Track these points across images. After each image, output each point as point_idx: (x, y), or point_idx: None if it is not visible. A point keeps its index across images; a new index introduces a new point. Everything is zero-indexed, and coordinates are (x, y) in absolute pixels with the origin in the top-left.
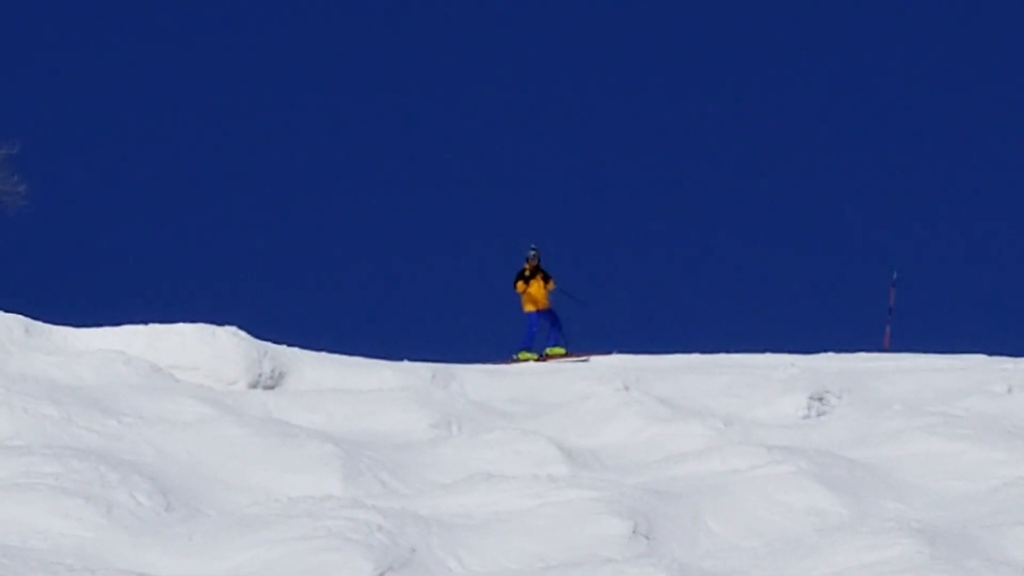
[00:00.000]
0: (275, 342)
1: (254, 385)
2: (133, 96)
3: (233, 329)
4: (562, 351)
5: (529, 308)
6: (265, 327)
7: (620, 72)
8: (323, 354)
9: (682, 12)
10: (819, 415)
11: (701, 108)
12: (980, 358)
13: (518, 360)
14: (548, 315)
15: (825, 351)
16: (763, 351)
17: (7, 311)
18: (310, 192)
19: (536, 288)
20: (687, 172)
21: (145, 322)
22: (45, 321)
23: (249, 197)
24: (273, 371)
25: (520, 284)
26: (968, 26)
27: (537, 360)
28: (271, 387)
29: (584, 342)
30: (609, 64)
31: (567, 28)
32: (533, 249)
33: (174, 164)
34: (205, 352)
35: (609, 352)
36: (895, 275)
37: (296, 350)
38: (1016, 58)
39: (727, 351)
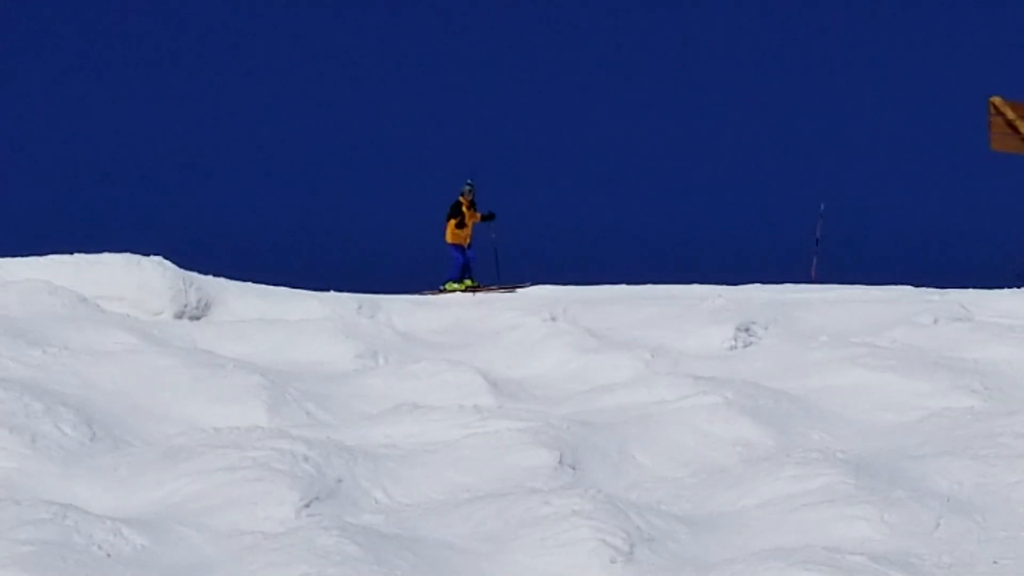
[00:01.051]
0: (201, 272)
1: (180, 315)
2: (54, 39)
3: (159, 259)
4: (462, 286)
5: (459, 240)
6: (191, 257)
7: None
8: (249, 284)
9: None
10: (746, 346)
11: (631, 38)
12: (906, 289)
13: (445, 291)
14: (470, 249)
15: (752, 282)
16: (690, 282)
17: None
18: (234, 123)
19: (471, 222)
20: (616, 103)
21: (71, 252)
22: None
23: (175, 128)
24: (199, 301)
25: (468, 217)
26: None
27: (464, 291)
28: (197, 317)
29: (511, 274)
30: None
31: None
32: (469, 184)
33: (102, 96)
34: (131, 282)
35: (523, 284)
36: (822, 207)
37: (222, 280)
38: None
39: (654, 282)
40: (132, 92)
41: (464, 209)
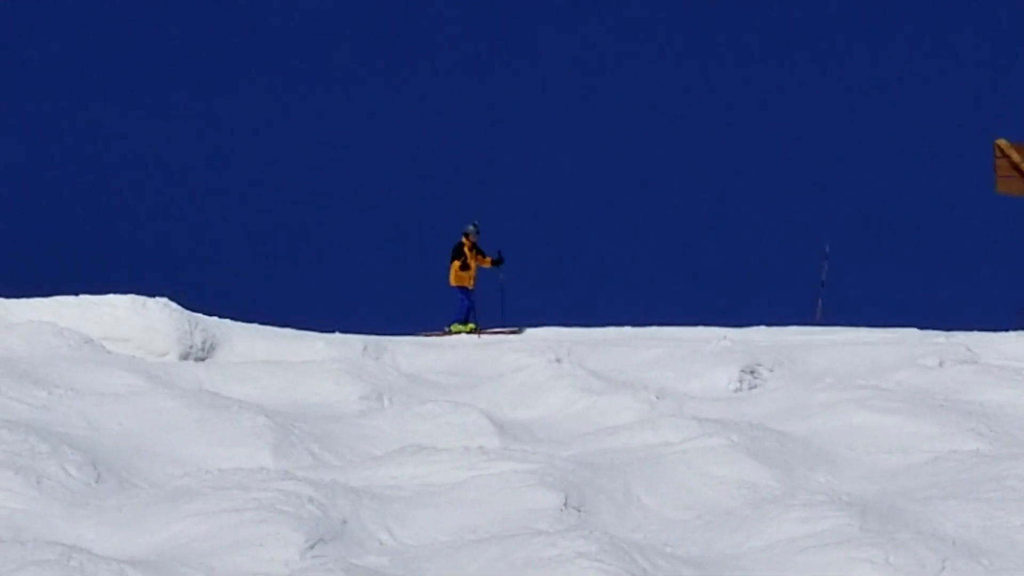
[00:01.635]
0: (206, 314)
1: (185, 357)
2: (61, 71)
3: (164, 301)
4: (467, 328)
5: (463, 283)
6: (196, 299)
7: (551, 47)
8: (254, 326)
9: None
10: (751, 388)
11: (634, 80)
12: (912, 332)
13: (451, 332)
14: (472, 292)
15: (757, 324)
16: (695, 324)
17: None
18: (242, 164)
19: (475, 264)
20: (621, 144)
21: (76, 293)
22: None
23: (181, 170)
24: (204, 343)
25: (471, 259)
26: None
27: (470, 333)
28: (202, 359)
29: (516, 315)
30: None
31: None
32: (473, 225)
33: (105, 137)
34: (136, 323)
35: (520, 328)
36: (827, 248)
37: (227, 322)
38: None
39: (659, 324)
40: (139, 136)
41: (466, 250)
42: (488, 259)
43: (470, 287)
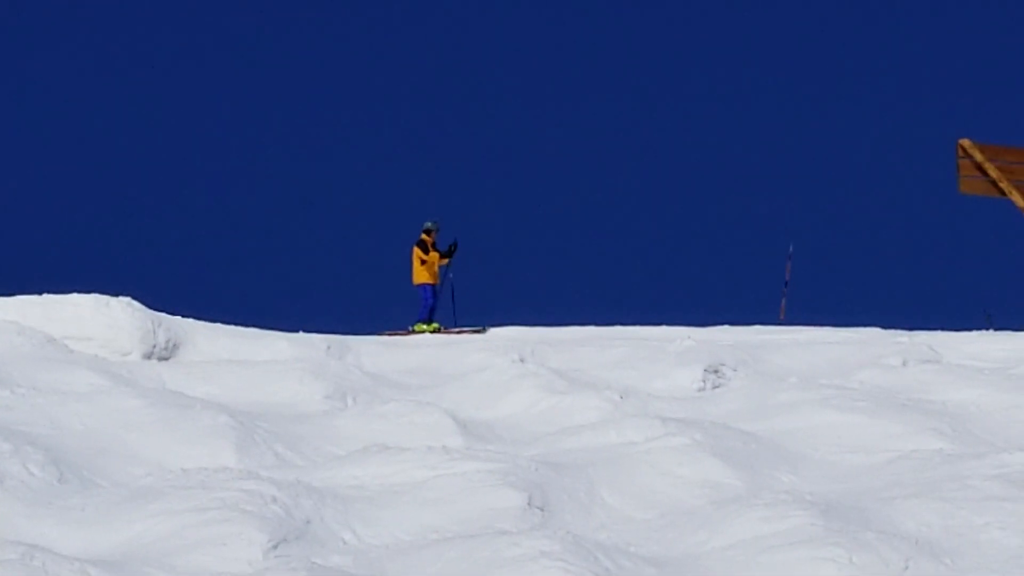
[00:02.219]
0: (169, 313)
1: (148, 356)
2: (28, 72)
3: (127, 300)
4: (431, 328)
5: (427, 280)
6: (159, 298)
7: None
8: (218, 325)
9: None
10: (715, 387)
11: (597, 78)
12: (875, 331)
13: (414, 332)
14: (436, 289)
15: (721, 324)
16: (659, 323)
17: None
18: (203, 162)
19: (435, 261)
20: (585, 144)
21: (39, 292)
22: None
23: (142, 167)
24: (168, 342)
25: (433, 254)
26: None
27: (433, 332)
28: (165, 358)
29: (478, 315)
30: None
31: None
32: (433, 222)
33: (66, 136)
34: (99, 323)
35: (484, 328)
36: (791, 248)
37: (190, 321)
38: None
39: (623, 323)
40: (100, 135)
41: (429, 246)
42: (444, 257)
43: (435, 283)
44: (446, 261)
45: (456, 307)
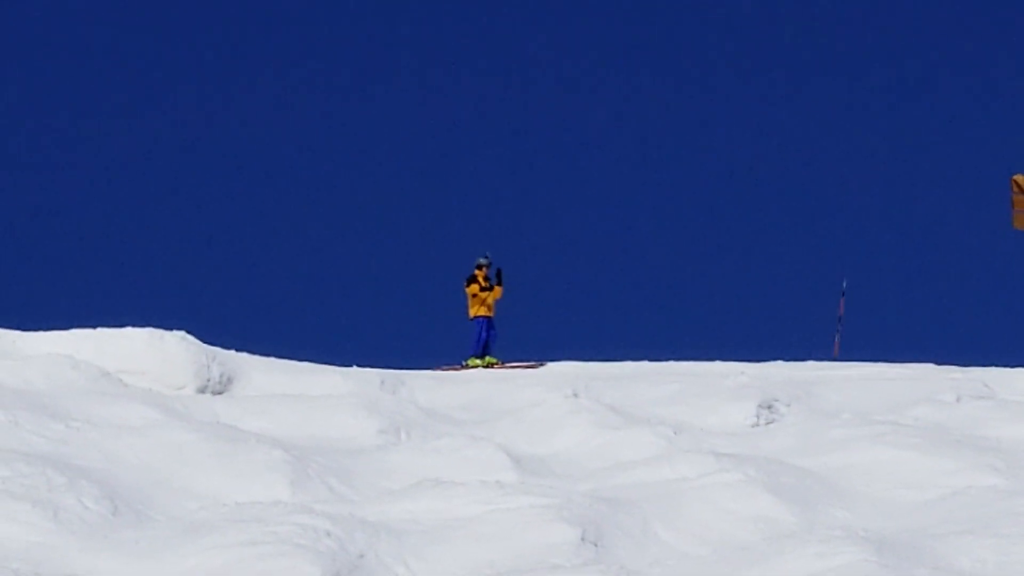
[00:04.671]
0: (224, 347)
1: (202, 390)
2: (70, 95)
3: (182, 334)
4: (484, 363)
5: (483, 313)
6: (214, 332)
7: (581, 76)
8: (272, 359)
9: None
10: (768, 423)
11: (653, 116)
12: (929, 367)
13: (467, 367)
14: (493, 322)
15: (775, 359)
16: (712, 359)
17: None
18: (261, 199)
19: (490, 295)
20: (644, 182)
21: (94, 326)
22: None
23: (200, 203)
24: (222, 376)
25: (497, 289)
26: (918, 33)
27: (486, 367)
28: (220, 392)
29: (534, 350)
30: (585, 66)
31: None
32: (487, 257)
33: (124, 172)
34: (154, 357)
35: (539, 363)
36: (844, 284)
37: (245, 355)
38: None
39: (677, 359)
40: (159, 172)
41: (480, 280)
42: (497, 288)
43: (490, 316)
44: (499, 293)
45: (505, 341)
